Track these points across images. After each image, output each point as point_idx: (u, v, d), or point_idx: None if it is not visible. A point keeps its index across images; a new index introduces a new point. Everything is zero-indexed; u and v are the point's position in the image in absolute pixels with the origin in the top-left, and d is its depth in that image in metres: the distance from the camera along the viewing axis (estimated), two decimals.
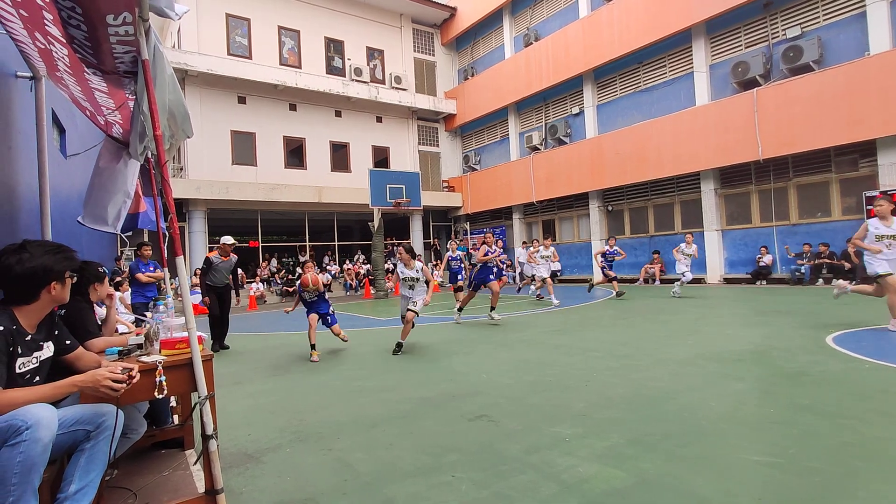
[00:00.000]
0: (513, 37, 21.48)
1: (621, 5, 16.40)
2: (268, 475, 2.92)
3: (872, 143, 11.63)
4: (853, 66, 11.56)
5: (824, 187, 12.73)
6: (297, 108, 19.85)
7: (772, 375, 4.42)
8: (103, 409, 2.05)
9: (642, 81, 16.76)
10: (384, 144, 22.18)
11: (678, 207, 16.08)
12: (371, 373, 5.49)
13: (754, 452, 2.82)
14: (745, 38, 14.07)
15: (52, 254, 2.11)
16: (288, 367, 6.00)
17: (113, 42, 2.35)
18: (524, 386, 4.55)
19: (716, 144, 14.06)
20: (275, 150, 19.30)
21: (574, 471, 2.72)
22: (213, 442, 2.41)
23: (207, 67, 17.13)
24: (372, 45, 21.87)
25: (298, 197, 18.60)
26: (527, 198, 20.20)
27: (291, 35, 19.79)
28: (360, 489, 2.67)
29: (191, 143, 16.95)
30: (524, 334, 7.52)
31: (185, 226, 17.33)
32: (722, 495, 2.36)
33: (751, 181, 14.18)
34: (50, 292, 2.10)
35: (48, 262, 2.07)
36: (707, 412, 3.54)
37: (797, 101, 12.37)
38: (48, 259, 2.08)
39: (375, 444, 3.30)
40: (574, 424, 3.44)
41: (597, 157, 17.45)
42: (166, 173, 2.49)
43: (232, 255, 7.81)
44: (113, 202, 4.14)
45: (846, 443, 2.88)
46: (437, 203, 22.98)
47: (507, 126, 21.86)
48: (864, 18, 11.76)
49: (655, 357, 5.41)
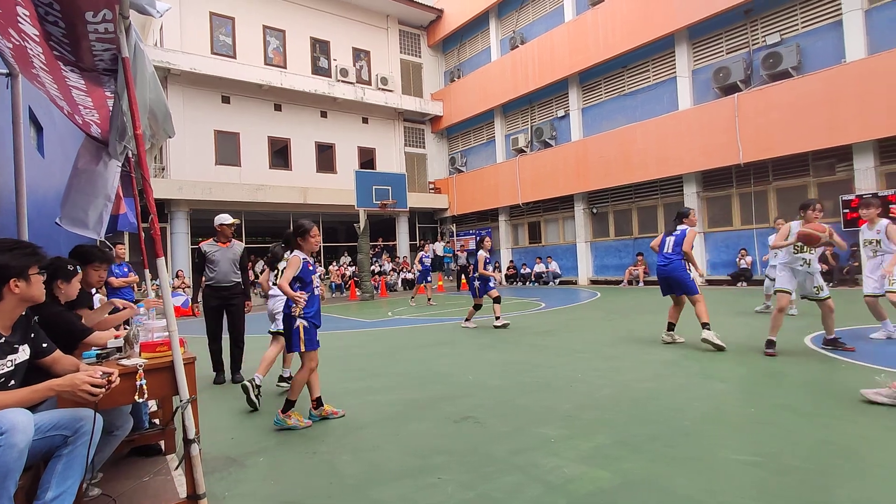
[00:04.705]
0: (499, 39, 21.59)
1: (606, 10, 16.59)
2: (251, 479, 2.88)
3: (849, 148, 11.91)
4: (830, 73, 11.83)
5: (802, 190, 13.00)
6: (283, 109, 19.69)
7: (753, 375, 4.50)
8: (81, 414, 2.01)
9: (626, 85, 16.96)
10: (370, 145, 22.10)
11: (662, 210, 16.29)
12: (357, 375, 5.45)
13: (736, 451, 2.86)
14: (726, 44, 14.33)
15: (8, 251, 2.07)
16: (272, 370, 5.91)
17: (92, 39, 2.31)
18: (511, 387, 4.56)
19: (698, 148, 14.28)
20: (259, 151, 19.12)
21: (560, 472, 2.73)
22: (195, 446, 2.37)
23: (190, 66, 16.91)
24: (358, 46, 21.80)
25: (283, 198, 18.44)
26: (513, 200, 20.29)
27: (276, 35, 19.63)
28: (346, 492, 2.64)
29: (173, 143, 16.70)
30: (511, 335, 7.53)
31: (167, 227, 17.08)
32: (705, 494, 2.39)
33: (732, 184, 14.43)
34: (13, 291, 2.05)
35: (4, 259, 2.03)
36: (691, 412, 3.58)
37: (777, 107, 12.61)
38: (4, 257, 2.04)
39: (361, 447, 3.27)
40: (560, 426, 3.45)
41: (582, 160, 17.60)
42: (147, 173, 2.45)
43: (234, 242, 5.57)
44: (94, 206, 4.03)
45: (824, 441, 2.94)
46: (423, 204, 22.96)
47: (494, 128, 21.95)
48: (840, 27, 12.05)
49: (640, 358, 5.46)
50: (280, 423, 3.69)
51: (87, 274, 3.27)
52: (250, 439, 3.55)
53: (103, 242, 4.37)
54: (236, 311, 5.51)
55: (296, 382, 3.72)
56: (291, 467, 3.02)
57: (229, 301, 5.46)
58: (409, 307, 13.05)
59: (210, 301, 5.43)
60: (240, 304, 5.54)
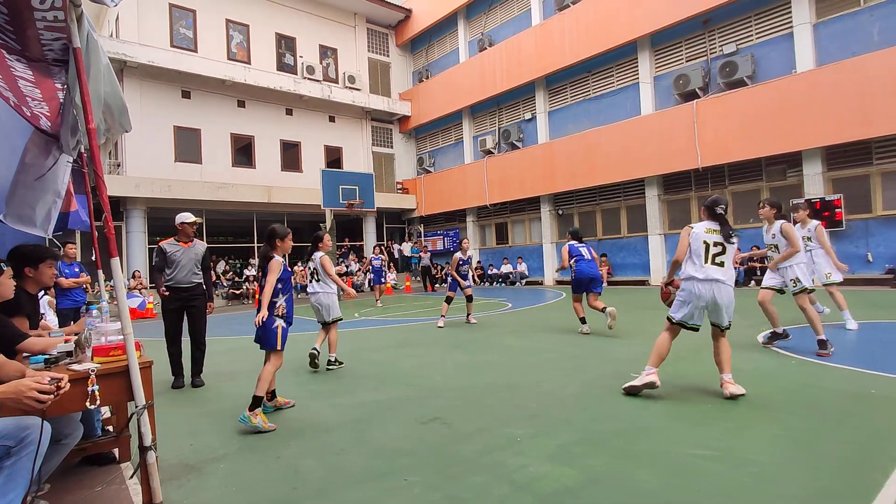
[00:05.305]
0: (467, 41, 21.69)
1: (572, 15, 16.90)
2: (211, 487, 2.79)
3: (799, 155, 12.51)
4: (782, 83, 12.41)
5: (756, 194, 13.56)
6: (246, 105, 19.22)
7: (709, 373, 4.65)
8: (27, 423, 1.90)
9: (591, 90, 17.32)
10: (337, 144, 21.83)
11: (624, 212, 16.71)
12: (322, 377, 5.37)
13: (695, 446, 2.96)
14: (686, 52, 14.83)
15: None
16: (234, 373, 5.77)
17: (40, 28, 2.19)
18: (478, 388, 4.58)
19: (659, 152, 14.72)
20: (222, 148, 18.59)
21: (525, 470, 2.76)
22: (152, 453, 2.28)
23: (148, 59, 16.28)
24: (325, 44, 21.49)
25: (247, 196, 18.00)
26: (480, 201, 20.42)
27: (240, 29, 19.15)
28: (311, 497, 2.60)
29: (129, 139, 16.05)
30: (478, 336, 7.57)
31: (122, 225, 16.41)
32: (665, 489, 2.46)
33: (691, 188, 14.94)
34: None
35: None
36: (653, 409, 3.68)
37: (733, 114, 13.14)
38: None
39: (327, 450, 3.22)
40: (526, 425, 3.49)
41: (548, 162, 17.87)
42: (100, 169, 2.34)
43: (196, 242, 5.42)
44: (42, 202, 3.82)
45: (777, 435, 3.07)
46: (390, 205, 22.84)
47: (462, 129, 22.03)
48: (791, 39, 12.65)
49: (604, 357, 5.59)
50: (245, 420, 3.63)
51: (41, 273, 3.12)
52: (210, 445, 3.44)
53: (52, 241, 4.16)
54: (197, 312, 5.33)
55: (263, 379, 3.75)
56: (254, 473, 2.94)
57: (190, 303, 5.27)
58: (377, 308, 12.97)
59: (170, 303, 5.23)
60: (201, 306, 5.36)
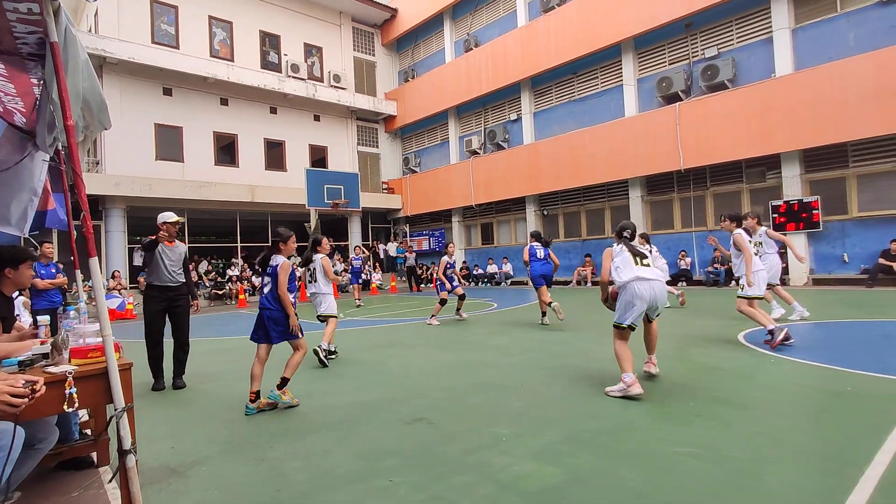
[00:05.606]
0: (453, 41, 21.70)
1: (557, 17, 17.02)
2: (193, 490, 2.75)
3: (777, 157, 12.77)
4: (762, 86, 12.65)
5: (736, 196, 13.82)
6: (229, 103, 18.96)
7: (692, 371, 4.73)
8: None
9: (576, 91, 17.46)
10: (322, 144, 21.66)
11: (608, 213, 16.87)
12: (307, 377, 5.32)
13: (677, 444, 2.99)
14: (668, 55, 15.03)
15: None
16: (215, 374, 5.69)
17: (12, 20, 2.13)
18: (463, 388, 4.58)
19: (642, 154, 14.90)
20: (204, 146, 18.31)
21: (510, 470, 2.77)
22: (132, 457, 2.23)
23: (129, 55, 15.97)
24: (310, 42, 21.32)
25: (230, 196, 17.77)
26: (466, 201, 20.44)
27: (223, 26, 18.90)
28: (295, 499, 2.57)
29: (109, 136, 15.74)
30: (463, 336, 7.58)
31: (101, 225, 16.08)
32: (649, 486, 2.49)
33: (673, 189, 15.14)
34: None
35: None
36: (636, 407, 3.72)
37: (714, 116, 13.36)
38: None
39: (311, 452, 3.19)
40: (511, 424, 3.50)
41: (533, 163, 17.97)
42: (78, 167, 2.28)
43: (178, 243, 5.35)
44: (17, 200, 3.72)
45: (757, 432, 3.12)
46: (376, 205, 22.74)
47: (448, 129, 22.03)
48: (770, 43, 12.90)
49: (589, 356, 5.63)
50: (275, 397, 4.11)
51: (21, 274, 3.05)
52: (192, 448, 3.39)
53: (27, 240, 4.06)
54: (182, 312, 5.28)
55: (292, 365, 4.20)
56: (237, 476, 2.90)
57: (175, 302, 5.22)
58: (359, 308, 12.91)
59: (155, 303, 5.15)
60: (185, 306, 5.32)
